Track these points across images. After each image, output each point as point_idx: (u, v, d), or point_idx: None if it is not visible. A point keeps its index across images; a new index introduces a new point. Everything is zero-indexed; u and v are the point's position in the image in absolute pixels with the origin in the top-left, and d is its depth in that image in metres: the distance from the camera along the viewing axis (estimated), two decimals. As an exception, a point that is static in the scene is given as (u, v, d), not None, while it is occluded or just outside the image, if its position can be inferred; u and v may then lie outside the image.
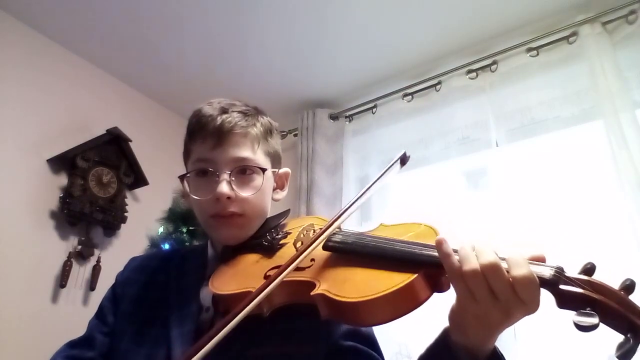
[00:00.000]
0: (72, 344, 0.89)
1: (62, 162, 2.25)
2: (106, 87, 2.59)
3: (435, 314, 0.69)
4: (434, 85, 2.33)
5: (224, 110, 0.89)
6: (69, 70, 2.42)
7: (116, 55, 2.48)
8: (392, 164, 0.84)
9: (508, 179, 2.00)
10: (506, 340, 0.67)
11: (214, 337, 0.59)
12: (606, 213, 1.75)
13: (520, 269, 0.55)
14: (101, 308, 0.93)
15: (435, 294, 0.63)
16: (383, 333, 0.85)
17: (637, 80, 1.90)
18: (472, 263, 0.57)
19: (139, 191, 2.56)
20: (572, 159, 1.94)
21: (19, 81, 2.18)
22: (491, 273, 0.56)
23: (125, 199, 2.43)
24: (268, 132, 0.94)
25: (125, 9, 2.16)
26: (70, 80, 2.41)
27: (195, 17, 2.20)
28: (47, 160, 2.22)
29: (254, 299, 0.64)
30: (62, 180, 2.25)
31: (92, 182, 2.29)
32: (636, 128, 1.73)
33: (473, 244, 0.59)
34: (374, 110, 2.51)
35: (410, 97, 2.40)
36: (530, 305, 0.56)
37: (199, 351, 0.58)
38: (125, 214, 2.40)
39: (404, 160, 0.86)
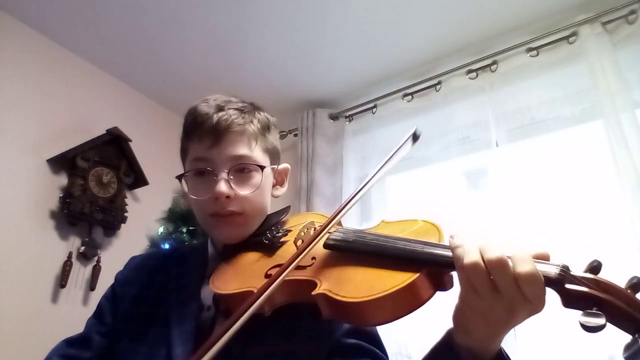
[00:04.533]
0: (69, 342, 0.88)
1: (62, 162, 2.25)
2: (106, 87, 2.59)
3: (436, 315, 0.68)
4: (434, 85, 2.33)
5: (220, 108, 0.87)
6: (69, 71, 2.41)
7: (116, 55, 2.48)
8: (405, 142, 0.81)
9: (508, 179, 2.00)
10: (506, 340, 0.66)
11: (218, 340, 0.57)
12: (606, 213, 1.75)
13: (524, 266, 0.53)
14: (99, 308, 0.92)
15: (438, 293, 0.62)
16: (383, 333, 0.84)
17: (637, 80, 1.91)
18: (473, 256, 0.56)
19: (139, 191, 2.56)
20: (572, 159, 1.94)
21: (19, 81, 2.18)
22: (497, 268, 0.55)
23: (125, 199, 2.43)
24: (266, 128, 0.93)
25: (126, 9, 2.16)
26: (71, 81, 2.41)
27: (195, 17, 2.20)
28: (47, 160, 2.22)
29: (256, 300, 0.62)
30: (62, 180, 2.25)
31: (92, 182, 2.29)
32: (636, 128, 1.73)
33: (480, 238, 0.58)
34: (374, 110, 2.51)
35: (410, 97, 2.40)
36: (536, 304, 0.54)
37: (203, 356, 0.56)
38: (125, 214, 2.40)
39: (416, 136, 0.83)
